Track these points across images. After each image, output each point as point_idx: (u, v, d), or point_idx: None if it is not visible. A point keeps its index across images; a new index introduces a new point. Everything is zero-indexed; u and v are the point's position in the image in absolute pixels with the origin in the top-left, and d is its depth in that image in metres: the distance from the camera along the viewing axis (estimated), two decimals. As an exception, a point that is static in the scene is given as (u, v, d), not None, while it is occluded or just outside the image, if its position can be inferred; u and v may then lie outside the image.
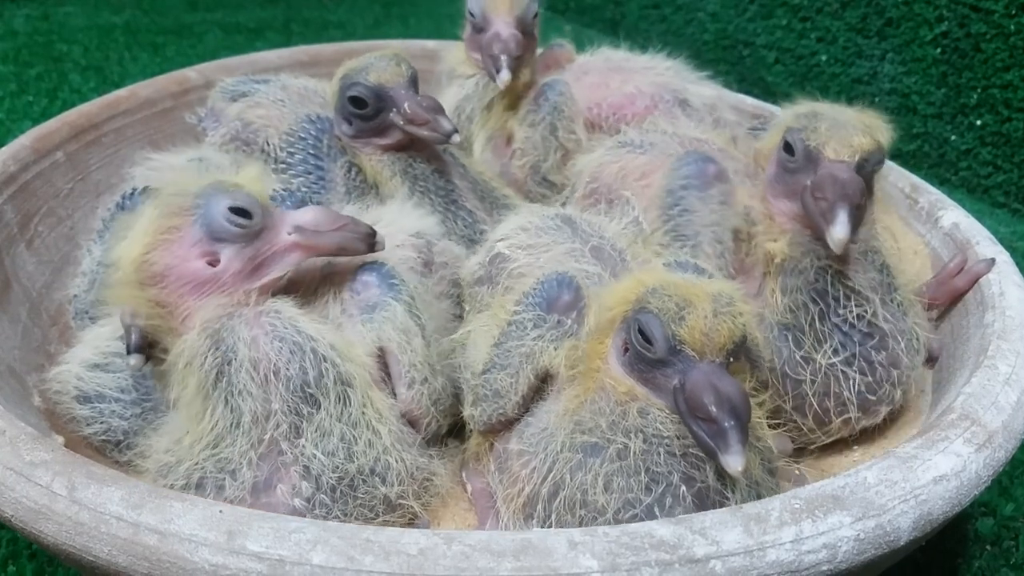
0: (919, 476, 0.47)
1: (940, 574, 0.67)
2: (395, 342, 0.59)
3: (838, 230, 0.56)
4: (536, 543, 0.42)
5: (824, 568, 0.43)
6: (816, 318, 0.63)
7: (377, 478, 0.56)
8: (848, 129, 0.61)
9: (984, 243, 0.72)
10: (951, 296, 0.70)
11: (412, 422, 0.61)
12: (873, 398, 0.64)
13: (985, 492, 0.53)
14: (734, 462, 0.46)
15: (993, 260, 0.69)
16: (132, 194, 0.71)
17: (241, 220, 0.54)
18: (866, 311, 0.63)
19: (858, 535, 0.44)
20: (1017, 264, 0.70)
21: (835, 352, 0.63)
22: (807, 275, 0.63)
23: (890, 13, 1.34)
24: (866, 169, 0.61)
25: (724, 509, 0.45)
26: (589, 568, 0.41)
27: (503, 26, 0.83)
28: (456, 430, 0.65)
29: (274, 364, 0.54)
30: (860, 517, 0.45)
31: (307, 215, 0.57)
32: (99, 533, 0.43)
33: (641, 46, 0.93)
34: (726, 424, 0.47)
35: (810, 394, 0.64)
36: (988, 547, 0.69)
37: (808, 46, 1.49)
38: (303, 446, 0.54)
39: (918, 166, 1.32)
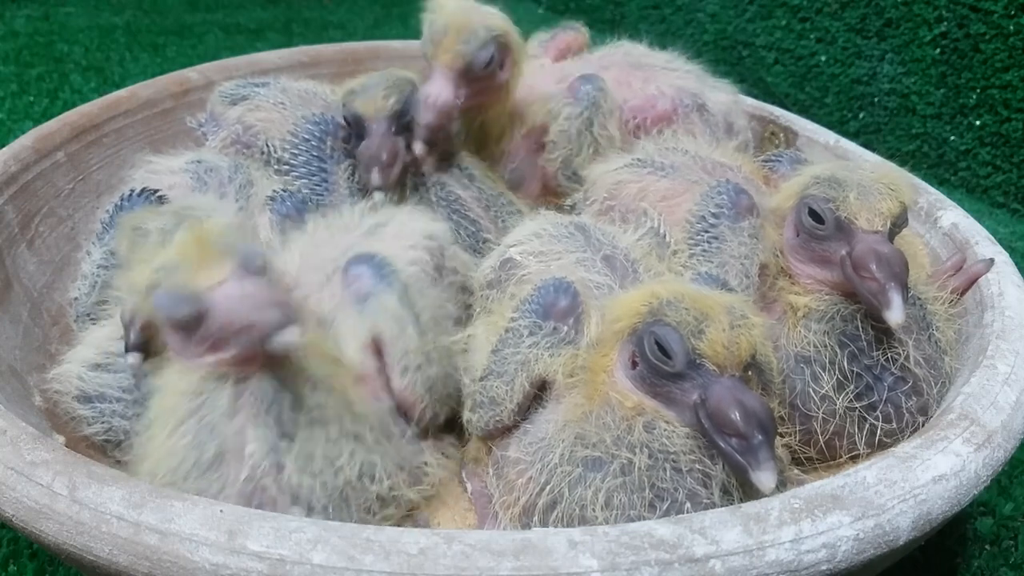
0: (918, 476, 0.47)
1: (939, 573, 0.67)
2: (387, 331, 0.59)
3: (896, 315, 0.55)
4: (536, 543, 0.42)
5: (823, 568, 0.43)
6: (845, 359, 0.61)
7: (366, 479, 0.55)
8: (875, 195, 0.60)
9: (983, 243, 0.72)
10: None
11: (405, 410, 0.61)
12: (889, 440, 0.62)
13: (984, 492, 0.53)
14: (766, 479, 0.45)
15: (992, 260, 0.69)
16: (131, 195, 0.71)
17: (183, 313, 0.48)
18: (899, 354, 0.61)
19: (857, 535, 0.44)
20: (1016, 264, 0.70)
21: (858, 397, 0.61)
22: (835, 322, 0.61)
23: (889, 14, 1.34)
24: (894, 232, 0.61)
25: (723, 508, 0.45)
26: (589, 568, 0.41)
27: (438, 81, 0.73)
28: (457, 428, 0.65)
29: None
30: (859, 517, 0.45)
31: (219, 309, 0.48)
32: (100, 533, 0.43)
33: (642, 47, 0.93)
34: (755, 440, 0.46)
35: (819, 431, 0.61)
36: (987, 546, 0.69)
37: (807, 47, 1.49)
38: (288, 477, 0.51)
39: (917, 166, 1.32)
